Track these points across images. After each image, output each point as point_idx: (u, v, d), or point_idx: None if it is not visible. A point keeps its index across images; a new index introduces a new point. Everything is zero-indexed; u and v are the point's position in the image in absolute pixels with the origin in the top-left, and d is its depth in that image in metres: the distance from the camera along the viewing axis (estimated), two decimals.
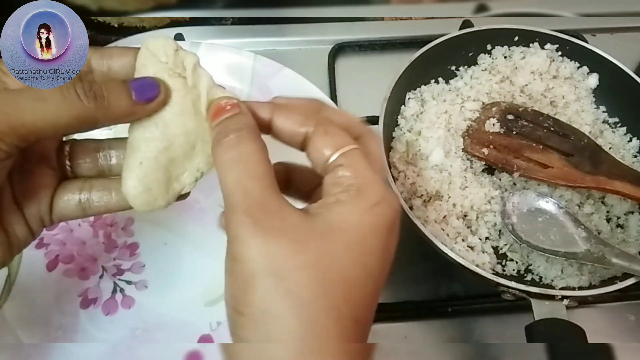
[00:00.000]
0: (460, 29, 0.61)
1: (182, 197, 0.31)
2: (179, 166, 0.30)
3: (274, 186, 0.26)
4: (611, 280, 0.45)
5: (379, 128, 0.49)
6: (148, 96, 0.28)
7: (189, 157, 0.30)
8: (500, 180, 0.52)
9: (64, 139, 0.33)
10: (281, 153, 0.31)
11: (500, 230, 0.50)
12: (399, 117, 0.54)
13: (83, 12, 0.28)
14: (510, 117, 0.53)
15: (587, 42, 0.60)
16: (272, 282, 0.24)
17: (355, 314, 0.25)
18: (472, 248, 0.48)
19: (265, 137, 0.29)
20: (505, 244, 0.49)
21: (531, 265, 0.48)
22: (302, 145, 0.29)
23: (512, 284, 0.43)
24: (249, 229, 0.25)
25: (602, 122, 0.56)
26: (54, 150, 0.32)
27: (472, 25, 0.63)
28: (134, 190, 0.29)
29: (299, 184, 0.32)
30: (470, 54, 0.58)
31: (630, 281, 0.43)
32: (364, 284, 0.25)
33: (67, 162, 0.33)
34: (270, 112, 0.29)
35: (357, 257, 0.25)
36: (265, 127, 0.29)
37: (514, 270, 0.48)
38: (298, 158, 0.30)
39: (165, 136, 0.29)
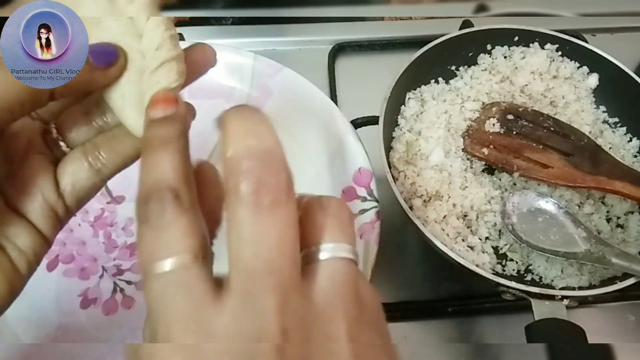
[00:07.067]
0: (460, 29, 0.61)
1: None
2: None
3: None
4: (611, 280, 0.45)
5: (379, 128, 0.49)
6: (106, 61, 0.26)
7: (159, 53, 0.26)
8: (500, 180, 0.52)
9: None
10: None
11: (500, 230, 0.50)
12: (399, 117, 0.54)
13: None
14: (510, 117, 0.53)
15: (587, 42, 0.60)
16: None
17: None
18: (472, 248, 0.48)
19: None
20: (505, 244, 0.49)
21: (531, 265, 0.48)
22: None
23: (512, 284, 0.43)
24: None
25: (602, 122, 0.56)
26: (37, 134, 0.29)
27: (472, 25, 0.63)
28: (138, 122, 0.27)
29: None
30: (470, 54, 0.58)
31: (630, 281, 0.43)
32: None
33: (59, 139, 0.29)
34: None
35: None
36: None
37: (514, 270, 0.48)
38: None
39: None
